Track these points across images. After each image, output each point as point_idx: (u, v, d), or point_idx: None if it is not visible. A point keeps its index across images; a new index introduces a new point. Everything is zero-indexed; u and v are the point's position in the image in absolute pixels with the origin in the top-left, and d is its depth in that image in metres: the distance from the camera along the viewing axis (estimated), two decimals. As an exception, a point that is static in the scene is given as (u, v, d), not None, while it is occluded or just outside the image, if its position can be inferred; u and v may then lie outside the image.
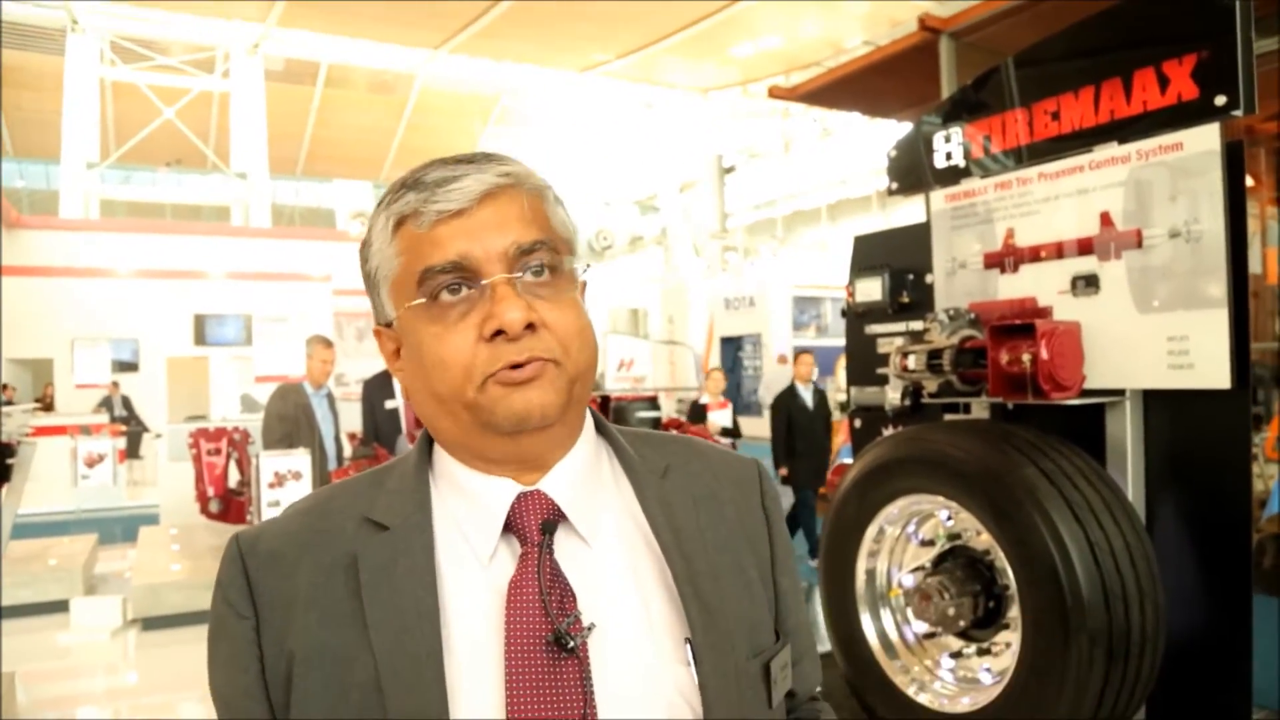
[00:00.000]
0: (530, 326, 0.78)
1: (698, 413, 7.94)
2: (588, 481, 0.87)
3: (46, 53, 17.24)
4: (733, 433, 7.78)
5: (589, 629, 0.79)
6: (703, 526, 0.88)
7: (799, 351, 7.77)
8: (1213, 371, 2.36)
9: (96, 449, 7.04)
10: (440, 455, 0.88)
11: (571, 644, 0.77)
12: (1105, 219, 2.61)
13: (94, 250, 13.66)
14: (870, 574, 2.95)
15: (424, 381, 0.82)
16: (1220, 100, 2.33)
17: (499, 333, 0.77)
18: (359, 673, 0.77)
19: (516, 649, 0.77)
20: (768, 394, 13.31)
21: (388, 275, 0.83)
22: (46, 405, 12.84)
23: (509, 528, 0.83)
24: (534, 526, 0.82)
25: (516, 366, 0.78)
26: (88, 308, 13.23)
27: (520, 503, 0.83)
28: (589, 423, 0.92)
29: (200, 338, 13.73)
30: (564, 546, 0.83)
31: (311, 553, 0.83)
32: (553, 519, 0.82)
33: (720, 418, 7.83)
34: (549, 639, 0.77)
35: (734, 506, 0.93)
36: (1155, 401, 2.58)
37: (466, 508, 0.84)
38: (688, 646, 0.81)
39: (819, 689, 1.03)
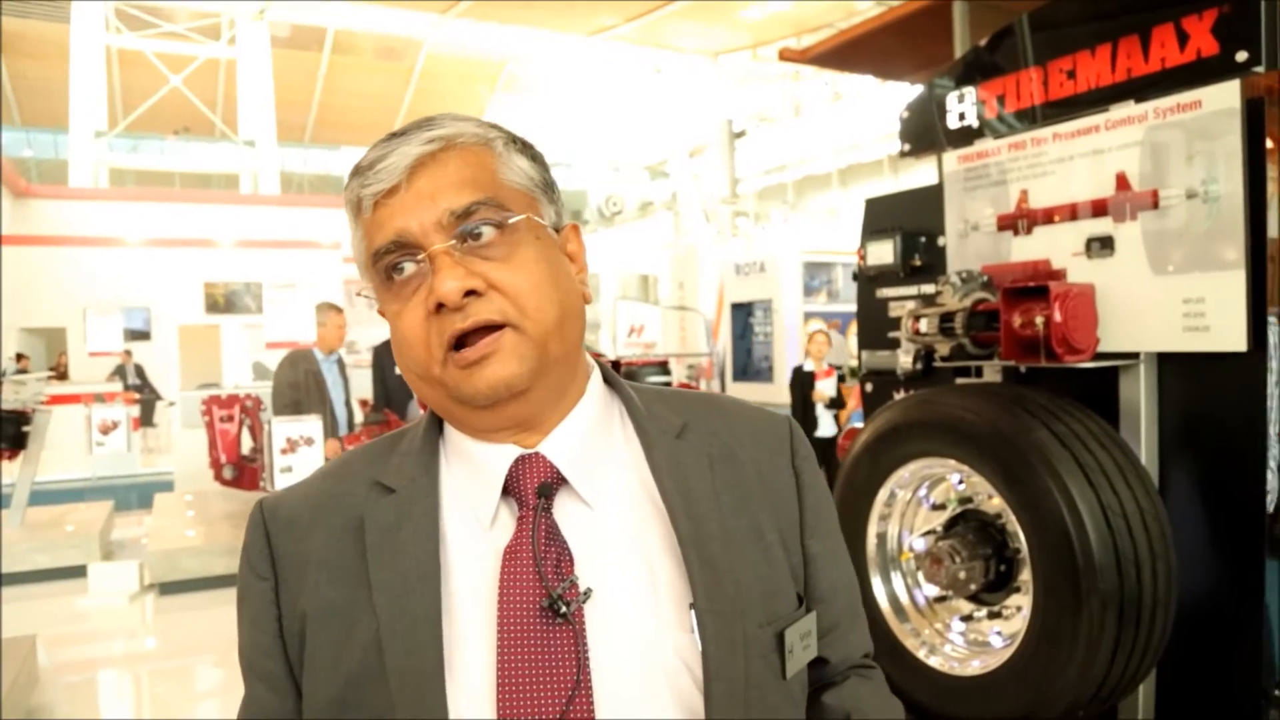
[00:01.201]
0: (474, 292, 0.76)
1: (804, 380, 7.29)
2: (592, 442, 0.85)
3: (51, 20, 17.14)
4: (838, 403, 7.21)
5: (585, 594, 0.77)
6: (718, 488, 0.85)
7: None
8: (1229, 334, 2.34)
9: (110, 416, 7.09)
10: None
11: (565, 610, 0.76)
12: (1121, 180, 2.58)
13: (104, 219, 13.67)
14: (881, 538, 2.95)
15: (402, 360, 0.82)
16: (1241, 56, 2.29)
17: (442, 305, 0.76)
18: (362, 633, 0.78)
19: (509, 614, 0.76)
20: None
21: (360, 262, 0.84)
22: (60, 374, 12.92)
23: (509, 491, 0.82)
24: (531, 490, 0.81)
25: (463, 342, 0.77)
26: (99, 276, 13.27)
27: (518, 466, 0.82)
28: (597, 378, 0.90)
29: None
30: (566, 509, 0.82)
31: (326, 515, 0.84)
32: (550, 482, 0.81)
33: (827, 386, 7.22)
34: (543, 604, 0.76)
35: (755, 466, 0.89)
36: (1170, 364, 2.55)
37: (469, 471, 0.84)
38: (692, 612, 0.79)
39: (867, 654, 0.99)
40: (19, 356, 12.53)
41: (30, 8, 16.90)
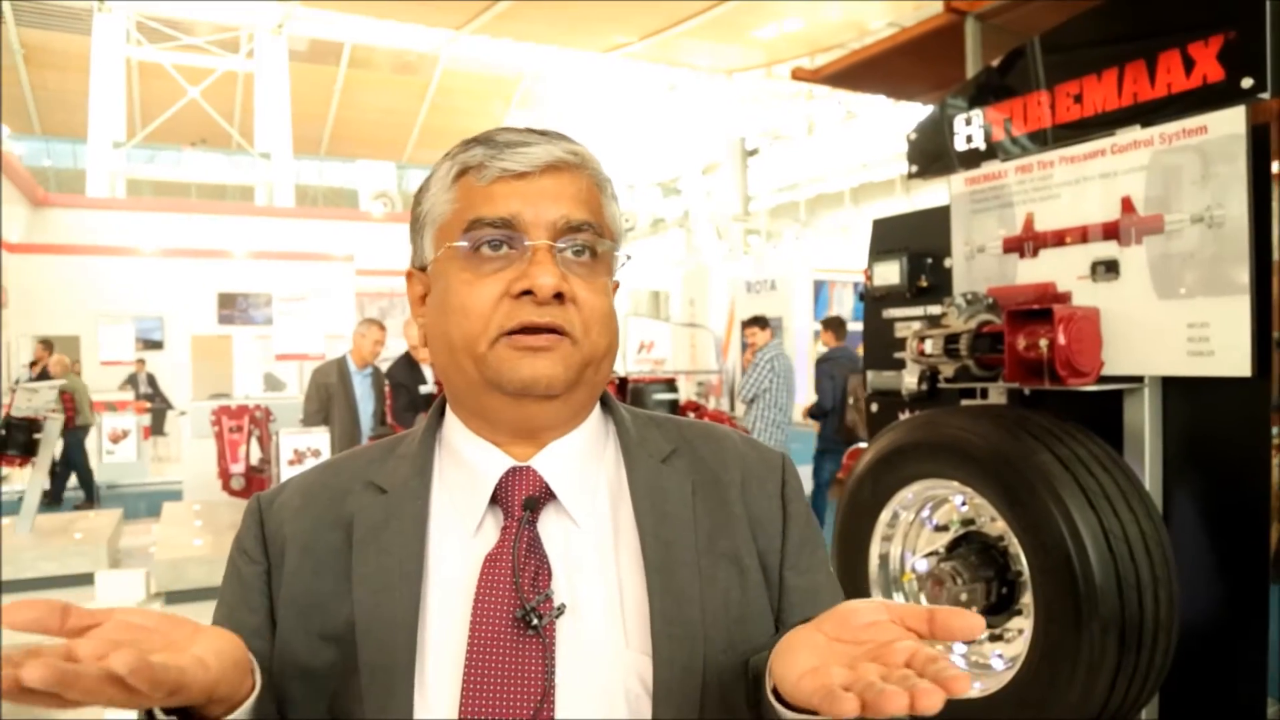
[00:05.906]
0: (559, 297, 0.79)
1: None
2: (584, 460, 0.88)
3: (73, 32, 17.35)
4: None
5: (559, 609, 0.79)
6: (698, 514, 0.87)
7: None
8: (1233, 359, 2.33)
9: (120, 425, 7.11)
10: (448, 423, 0.90)
11: (537, 622, 0.77)
12: (1126, 204, 2.58)
13: (120, 228, 13.79)
14: (884, 558, 2.95)
15: (442, 327, 0.83)
16: (1247, 83, 2.29)
17: (527, 293, 0.79)
18: (337, 626, 0.80)
19: (482, 621, 0.78)
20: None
21: (437, 219, 0.85)
22: (72, 382, 12.98)
23: (497, 500, 0.84)
24: (517, 502, 0.83)
25: (534, 331, 0.79)
26: (114, 286, 13.36)
27: (509, 477, 0.84)
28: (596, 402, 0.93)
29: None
30: (552, 525, 0.84)
31: (315, 504, 0.87)
32: (537, 496, 0.83)
33: None
34: (517, 615, 0.77)
35: (740, 491, 0.90)
36: (1174, 389, 2.55)
37: (461, 477, 0.86)
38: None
39: None
40: (33, 364, 12.60)
41: (53, 19, 17.12)
